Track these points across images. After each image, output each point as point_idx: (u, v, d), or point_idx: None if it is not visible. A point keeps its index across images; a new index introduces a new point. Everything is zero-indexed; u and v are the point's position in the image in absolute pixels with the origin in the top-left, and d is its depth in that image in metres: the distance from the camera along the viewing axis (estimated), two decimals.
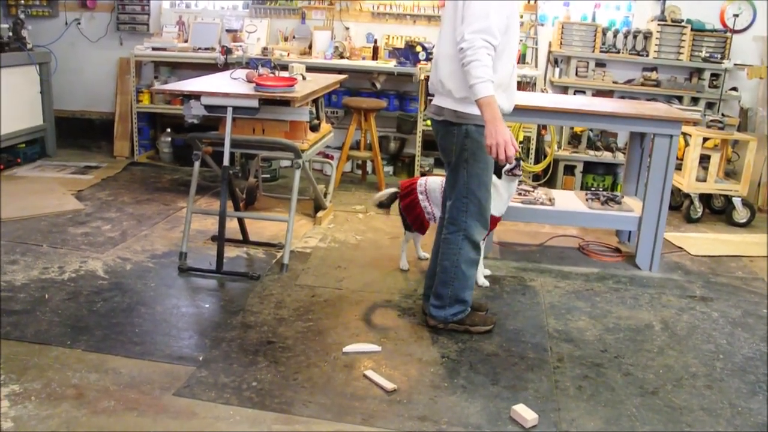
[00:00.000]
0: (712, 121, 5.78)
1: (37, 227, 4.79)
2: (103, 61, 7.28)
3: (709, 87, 6.53)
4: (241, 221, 4.67)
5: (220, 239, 4.16)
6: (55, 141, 7.02)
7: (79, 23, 7.22)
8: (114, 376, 2.99)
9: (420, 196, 4.17)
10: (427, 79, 6.36)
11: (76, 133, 7.37)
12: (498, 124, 3.06)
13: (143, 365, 3.10)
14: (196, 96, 4.25)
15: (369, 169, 6.79)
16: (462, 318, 3.54)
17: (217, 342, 3.34)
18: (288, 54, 6.62)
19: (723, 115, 6.25)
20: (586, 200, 4.86)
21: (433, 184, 4.17)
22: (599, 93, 6.62)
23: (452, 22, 3.20)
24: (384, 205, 4.44)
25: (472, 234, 3.41)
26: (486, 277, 4.28)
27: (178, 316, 3.62)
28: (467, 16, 3.11)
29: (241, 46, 6.64)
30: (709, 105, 6.52)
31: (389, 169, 6.90)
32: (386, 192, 4.45)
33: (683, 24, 6.46)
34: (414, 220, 4.25)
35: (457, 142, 3.31)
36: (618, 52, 6.59)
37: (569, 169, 6.58)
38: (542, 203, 4.73)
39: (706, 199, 6.03)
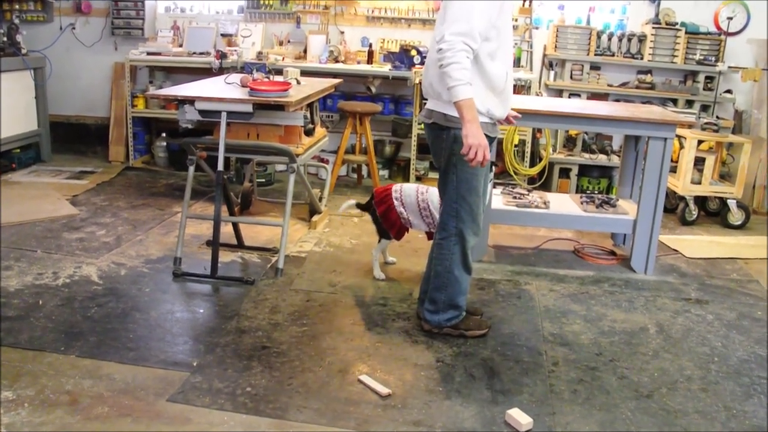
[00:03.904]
0: (706, 123, 5.79)
1: (31, 232, 4.78)
2: (98, 66, 7.28)
3: (704, 90, 6.54)
4: (236, 226, 4.67)
5: (214, 244, 4.16)
6: (50, 146, 7.02)
7: (73, 28, 7.22)
8: (108, 382, 2.99)
9: (395, 202, 4.14)
10: (421, 83, 6.37)
11: (71, 138, 7.36)
12: (477, 126, 3.06)
13: (137, 371, 3.09)
14: (190, 101, 4.25)
15: (364, 173, 6.79)
16: (456, 323, 3.54)
17: (211, 347, 3.33)
18: (283, 58, 6.62)
19: (717, 117, 6.26)
20: (581, 203, 4.87)
21: (408, 190, 4.15)
22: (594, 96, 6.63)
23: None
24: (362, 206, 4.39)
25: (463, 240, 3.41)
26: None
27: (172, 322, 3.61)
28: (449, 16, 3.09)
29: (236, 50, 6.64)
30: (704, 107, 6.54)
31: (384, 172, 6.90)
32: (350, 203, 4.44)
33: (677, 27, 6.48)
34: (391, 226, 4.19)
35: (445, 147, 3.31)
36: (612, 55, 6.61)
37: (564, 172, 6.59)
38: (537, 206, 4.74)
39: (701, 201, 6.04)
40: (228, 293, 4.00)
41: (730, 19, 6.45)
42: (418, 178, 6.71)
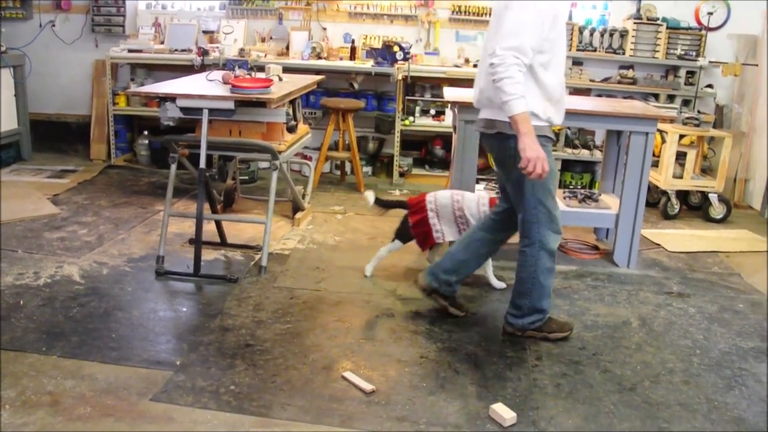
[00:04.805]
0: (688, 118, 5.84)
1: (12, 232, 4.73)
2: (78, 64, 7.21)
3: (685, 84, 6.58)
4: (218, 224, 4.64)
5: (197, 242, 4.14)
6: (30, 145, 6.95)
7: (53, 25, 7.15)
8: (90, 382, 2.96)
9: (430, 213, 4.08)
10: (404, 78, 6.37)
11: (52, 136, 7.28)
12: (534, 139, 3.05)
13: (120, 371, 3.07)
14: (171, 98, 4.22)
15: (348, 169, 6.78)
16: (540, 325, 3.53)
17: (194, 346, 3.32)
18: (265, 55, 6.59)
19: (699, 112, 6.31)
20: (564, 198, 4.88)
21: (443, 199, 4.08)
22: (576, 91, 6.64)
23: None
24: (382, 204, 4.35)
25: (546, 243, 3.39)
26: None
27: (155, 321, 3.59)
28: (501, 30, 3.08)
29: (217, 47, 6.60)
30: (685, 102, 6.58)
31: (368, 169, 6.89)
32: (388, 199, 4.40)
33: (659, 22, 6.51)
34: (419, 236, 4.14)
35: (515, 155, 3.25)
36: (595, 51, 6.63)
37: None
38: None
39: (683, 195, 6.08)
40: (211, 291, 3.98)
41: (710, 14, 6.49)
42: (402, 174, 6.71)
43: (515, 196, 3.44)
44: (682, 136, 5.84)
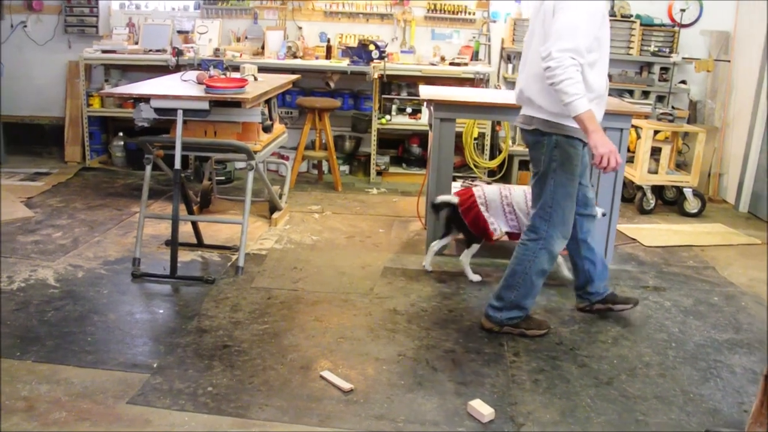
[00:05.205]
0: (662, 113, 5.88)
1: None
2: (51, 65, 7.12)
3: (659, 80, 6.64)
4: (195, 225, 4.61)
5: (173, 243, 4.11)
6: (3, 147, 6.87)
7: (25, 26, 7.06)
8: (66, 387, 2.93)
9: (481, 208, 4.16)
10: (380, 77, 6.37)
11: (25, 138, 7.19)
12: (602, 134, 3.06)
13: (96, 374, 3.04)
14: (146, 99, 4.19)
15: (325, 168, 6.77)
16: (518, 321, 3.54)
17: (171, 348, 3.29)
18: (240, 55, 6.56)
19: (673, 107, 6.36)
20: None
21: (491, 194, 4.20)
22: None
23: (542, 40, 3.17)
24: (438, 207, 4.34)
25: (551, 244, 3.40)
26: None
27: (131, 323, 3.56)
28: (554, 32, 3.07)
29: (192, 47, 6.57)
30: (660, 98, 6.64)
31: (345, 168, 6.89)
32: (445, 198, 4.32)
33: (632, 19, 6.57)
34: (480, 233, 4.19)
35: (546, 153, 3.29)
36: None
37: (524, 165, 6.63)
38: None
39: (658, 190, 6.13)
40: (188, 293, 3.96)
41: (683, 11, 6.55)
42: (379, 173, 6.71)
43: (535, 192, 3.45)
44: (656, 132, 5.89)
